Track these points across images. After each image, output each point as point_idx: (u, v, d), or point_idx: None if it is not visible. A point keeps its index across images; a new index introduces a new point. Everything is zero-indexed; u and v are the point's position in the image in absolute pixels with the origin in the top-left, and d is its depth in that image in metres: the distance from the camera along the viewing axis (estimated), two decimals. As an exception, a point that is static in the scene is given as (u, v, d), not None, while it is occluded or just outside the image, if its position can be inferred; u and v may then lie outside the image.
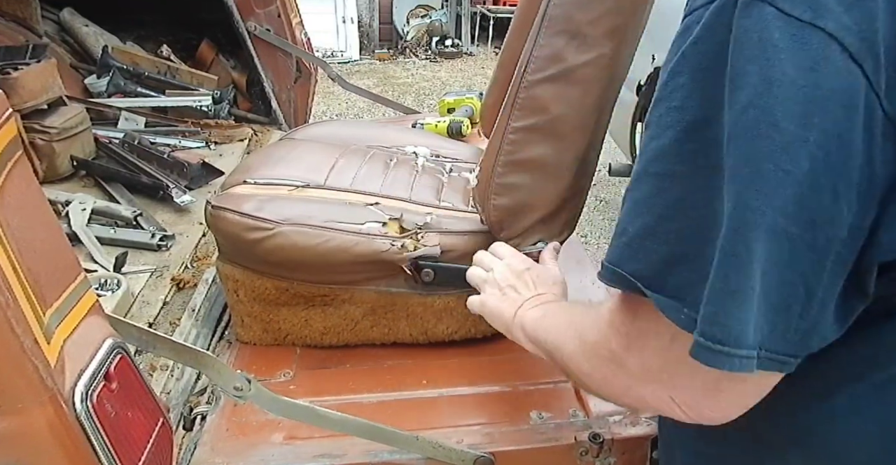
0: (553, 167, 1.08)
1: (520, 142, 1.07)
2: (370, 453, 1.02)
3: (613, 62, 1.01)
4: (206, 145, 2.32)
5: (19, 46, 2.09)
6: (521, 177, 1.09)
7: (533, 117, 1.05)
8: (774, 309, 0.46)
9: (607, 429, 1.06)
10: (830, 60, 0.42)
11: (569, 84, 1.02)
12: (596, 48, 0.99)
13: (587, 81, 1.02)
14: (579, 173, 1.10)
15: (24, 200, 0.67)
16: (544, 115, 1.04)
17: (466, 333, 1.26)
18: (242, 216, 1.18)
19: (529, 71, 1.03)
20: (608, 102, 1.07)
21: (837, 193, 0.43)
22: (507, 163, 1.09)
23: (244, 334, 1.30)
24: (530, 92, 1.04)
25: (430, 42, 7.50)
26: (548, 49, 1.01)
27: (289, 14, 2.43)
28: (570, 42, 1.00)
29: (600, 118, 1.07)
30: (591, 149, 1.09)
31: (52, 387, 0.64)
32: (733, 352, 0.46)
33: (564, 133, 1.06)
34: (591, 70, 1.01)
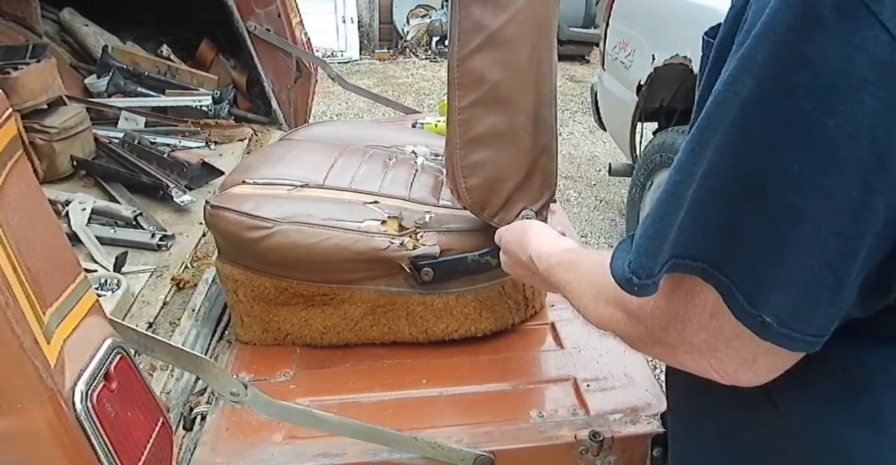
0: (509, 134, 1.09)
1: (469, 119, 1.08)
2: (370, 452, 1.02)
3: (532, 13, 1.03)
4: (206, 145, 2.32)
5: (19, 46, 2.09)
6: (482, 153, 1.10)
7: (474, 92, 1.06)
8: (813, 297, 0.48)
9: (607, 427, 1.06)
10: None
11: (496, 48, 1.04)
12: (510, 5, 1.02)
13: (513, 39, 1.04)
14: (537, 132, 1.11)
15: (24, 200, 0.67)
16: (483, 85, 1.06)
17: (466, 332, 1.26)
18: (241, 215, 1.18)
19: (458, 47, 1.05)
20: (543, 53, 1.08)
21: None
22: (464, 143, 1.10)
23: (244, 333, 1.30)
24: (464, 68, 1.06)
25: (430, 42, 7.50)
26: (467, 21, 1.04)
27: (289, 14, 2.43)
28: (484, 8, 1.02)
29: (539, 72, 1.08)
30: (540, 104, 1.10)
31: (51, 387, 0.64)
32: (805, 338, 0.49)
33: (508, 97, 1.07)
34: (513, 27, 1.03)
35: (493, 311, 1.26)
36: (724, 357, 0.54)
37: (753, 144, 0.46)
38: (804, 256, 0.46)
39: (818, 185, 0.44)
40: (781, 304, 0.48)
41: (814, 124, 0.43)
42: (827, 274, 0.47)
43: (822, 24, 0.41)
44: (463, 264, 1.18)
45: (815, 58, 0.42)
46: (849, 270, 0.47)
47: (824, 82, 0.42)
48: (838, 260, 0.46)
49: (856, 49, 0.41)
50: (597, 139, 4.51)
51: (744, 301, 0.49)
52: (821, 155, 0.43)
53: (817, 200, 0.44)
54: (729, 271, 0.49)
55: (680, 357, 0.58)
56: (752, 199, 0.47)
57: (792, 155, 0.44)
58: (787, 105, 0.44)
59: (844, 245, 0.46)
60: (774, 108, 0.44)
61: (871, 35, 0.40)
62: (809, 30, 0.42)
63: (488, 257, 1.17)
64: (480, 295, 1.23)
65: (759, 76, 0.44)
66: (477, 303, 1.24)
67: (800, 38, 0.42)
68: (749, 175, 0.47)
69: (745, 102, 0.45)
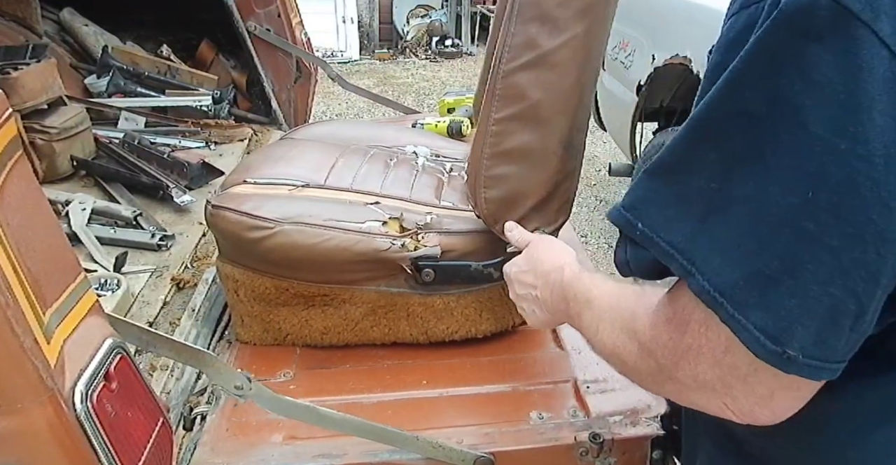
0: (539, 154, 1.09)
1: (503, 132, 1.08)
2: (370, 453, 1.02)
3: (587, 42, 1.03)
4: (206, 145, 2.32)
5: (19, 46, 2.09)
6: (509, 167, 1.09)
7: (513, 106, 1.06)
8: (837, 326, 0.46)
9: (607, 429, 1.06)
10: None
11: (545, 69, 1.03)
12: (568, 30, 1.01)
13: (563, 63, 1.03)
14: (566, 157, 1.10)
15: (24, 200, 0.67)
16: (524, 102, 1.05)
17: (466, 333, 1.26)
18: (242, 215, 1.18)
19: (504, 60, 1.04)
20: (587, 82, 1.08)
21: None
22: (493, 155, 1.10)
23: (244, 333, 1.30)
24: (507, 81, 1.05)
25: (430, 42, 7.50)
26: (520, 37, 1.03)
27: (289, 14, 2.43)
28: (541, 27, 1.01)
29: (581, 100, 1.08)
30: (575, 131, 1.09)
31: (51, 387, 0.64)
32: (828, 366, 0.47)
33: (546, 118, 1.06)
34: (566, 52, 1.02)
35: (493, 312, 1.26)
36: (740, 395, 0.52)
37: (764, 172, 0.45)
38: (826, 285, 0.45)
39: (835, 211, 0.43)
40: (805, 336, 0.46)
41: (825, 148, 0.42)
42: (850, 301, 0.45)
43: (821, 45, 0.41)
44: (465, 272, 1.18)
45: (819, 80, 0.41)
46: (872, 294, 0.45)
47: (831, 105, 0.41)
48: (861, 286, 0.45)
49: (859, 69, 0.40)
50: (597, 139, 4.51)
51: (765, 339, 0.46)
52: (835, 180, 0.42)
53: (835, 226, 0.43)
54: (746, 310, 0.47)
55: (692, 396, 0.56)
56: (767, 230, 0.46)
57: (805, 182, 0.43)
58: (796, 130, 0.43)
59: (867, 271, 0.44)
60: (783, 134, 0.43)
61: (873, 53, 0.40)
62: (810, 52, 0.41)
63: (491, 268, 1.17)
64: (481, 296, 1.23)
65: (764, 102, 0.44)
66: (477, 304, 1.24)
67: (801, 62, 0.42)
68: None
69: (750, 130, 0.45)
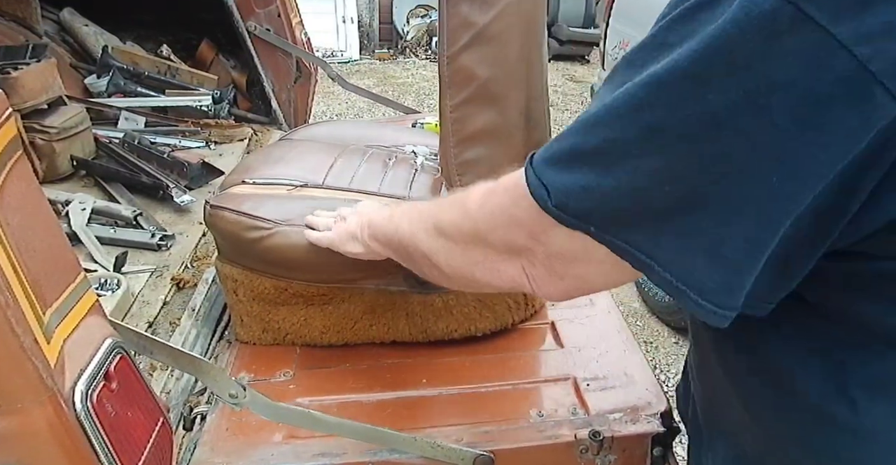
0: (502, 130, 1.09)
1: (462, 118, 1.09)
2: (369, 452, 1.02)
3: (520, 9, 1.03)
4: (206, 145, 2.32)
5: (19, 46, 2.09)
6: (476, 150, 1.10)
7: (465, 89, 1.07)
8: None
9: (607, 427, 1.06)
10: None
11: (485, 45, 1.04)
12: (498, 2, 1.01)
13: (501, 35, 1.04)
14: (529, 128, 1.11)
15: (24, 200, 0.67)
16: (474, 82, 1.06)
17: (466, 331, 1.26)
18: (241, 216, 1.18)
19: (446, 46, 1.05)
20: (532, 48, 1.08)
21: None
22: (458, 142, 1.10)
23: (243, 333, 1.30)
24: (454, 66, 1.06)
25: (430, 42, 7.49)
26: (455, 19, 1.04)
27: (289, 14, 2.43)
28: (471, 4, 1.02)
29: (530, 67, 1.08)
30: (532, 101, 1.10)
31: (51, 387, 0.64)
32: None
33: (500, 94, 1.07)
34: (501, 24, 1.03)
35: (492, 310, 1.26)
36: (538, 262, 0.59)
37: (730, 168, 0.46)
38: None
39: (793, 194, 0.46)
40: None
41: (791, 140, 0.44)
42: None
43: (782, 48, 0.42)
44: None
45: (782, 81, 0.43)
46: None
47: (795, 103, 0.43)
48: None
49: (819, 69, 0.42)
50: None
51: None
52: (794, 166, 0.45)
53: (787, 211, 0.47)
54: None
55: (498, 264, 0.62)
56: (732, 214, 0.47)
57: (771, 168, 0.45)
58: (765, 127, 0.44)
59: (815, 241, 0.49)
60: (752, 132, 0.45)
61: (832, 54, 0.41)
62: (772, 55, 0.43)
63: None
64: (480, 294, 1.23)
65: (729, 104, 0.45)
66: (476, 302, 1.24)
67: (764, 64, 0.43)
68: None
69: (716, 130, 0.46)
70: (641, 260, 0.51)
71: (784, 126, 0.43)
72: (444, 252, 0.71)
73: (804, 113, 0.43)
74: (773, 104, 0.43)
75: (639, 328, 2.79)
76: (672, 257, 0.50)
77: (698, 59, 0.44)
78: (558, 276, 0.59)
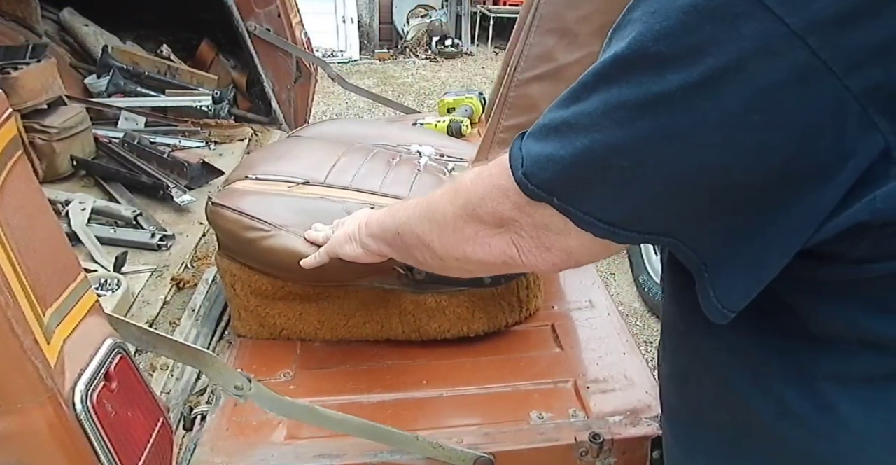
0: None
1: (510, 140, 1.08)
2: (370, 453, 1.02)
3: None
4: (206, 145, 2.32)
5: (19, 46, 2.09)
6: None
7: (523, 116, 1.06)
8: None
9: (607, 429, 1.06)
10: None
11: (558, 82, 1.03)
12: (586, 47, 1.00)
13: (577, 78, 1.03)
14: None
15: (24, 200, 0.67)
16: (534, 113, 1.05)
17: (458, 332, 1.26)
18: (240, 215, 1.19)
19: (520, 70, 1.04)
20: None
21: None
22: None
23: (241, 327, 1.32)
24: (520, 91, 1.05)
25: (430, 42, 7.50)
26: (538, 48, 1.02)
27: (289, 14, 2.43)
28: (559, 41, 1.01)
29: None
30: None
31: (51, 387, 0.64)
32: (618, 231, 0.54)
33: None
34: (581, 69, 1.02)
35: (486, 311, 1.26)
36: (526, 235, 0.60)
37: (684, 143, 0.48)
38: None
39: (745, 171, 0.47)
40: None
41: (740, 121, 0.45)
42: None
43: (739, 34, 0.44)
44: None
45: (736, 65, 0.44)
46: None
47: (747, 85, 0.44)
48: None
49: (772, 54, 0.43)
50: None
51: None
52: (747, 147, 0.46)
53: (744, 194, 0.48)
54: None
55: (488, 239, 0.64)
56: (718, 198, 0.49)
57: (720, 148, 0.47)
58: (717, 107, 0.46)
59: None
60: (705, 111, 0.46)
61: (784, 42, 0.43)
62: (728, 39, 0.44)
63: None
64: (473, 296, 1.24)
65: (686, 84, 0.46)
66: (470, 303, 1.24)
67: (721, 49, 0.44)
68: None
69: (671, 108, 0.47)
70: (603, 228, 0.53)
71: (735, 109, 0.45)
72: (436, 231, 0.72)
73: (756, 97, 0.44)
74: (725, 87, 0.44)
75: (639, 328, 2.79)
76: (636, 226, 0.53)
77: (659, 39, 0.46)
78: (545, 247, 0.60)
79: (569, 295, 1.46)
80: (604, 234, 0.53)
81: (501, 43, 7.30)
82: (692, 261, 0.53)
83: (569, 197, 0.53)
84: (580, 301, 1.43)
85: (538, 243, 0.60)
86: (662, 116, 0.47)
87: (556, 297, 1.45)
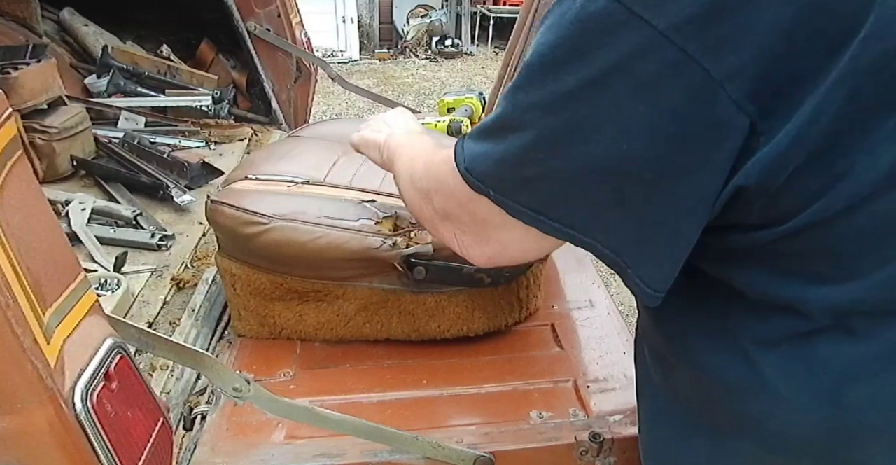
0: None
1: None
2: (370, 452, 1.02)
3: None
4: (206, 145, 2.32)
5: (19, 46, 2.09)
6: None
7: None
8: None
9: (607, 429, 1.06)
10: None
11: None
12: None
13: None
14: None
15: (24, 200, 0.67)
16: None
17: (458, 331, 1.26)
18: (238, 211, 1.19)
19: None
20: None
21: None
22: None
23: (241, 327, 1.32)
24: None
25: (430, 42, 7.51)
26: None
27: (289, 14, 2.43)
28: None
29: None
30: None
31: (51, 387, 0.64)
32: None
33: None
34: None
35: (485, 311, 1.26)
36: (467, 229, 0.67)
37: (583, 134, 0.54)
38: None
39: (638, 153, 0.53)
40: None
41: (629, 112, 0.52)
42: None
43: (616, 38, 0.50)
44: (457, 274, 1.18)
45: (617, 63, 0.51)
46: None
47: (630, 80, 0.51)
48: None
49: (644, 53, 0.50)
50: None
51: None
52: (635, 132, 0.52)
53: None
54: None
55: (437, 226, 0.73)
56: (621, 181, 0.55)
57: (615, 135, 0.53)
58: (608, 101, 0.52)
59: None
60: (599, 106, 0.53)
61: (655, 42, 0.49)
62: (608, 43, 0.51)
63: (483, 273, 1.18)
64: (473, 295, 1.24)
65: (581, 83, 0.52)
66: (469, 303, 1.24)
67: (604, 51, 0.51)
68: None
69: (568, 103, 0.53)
70: (531, 216, 0.59)
71: (623, 102, 0.51)
72: (406, 195, 0.83)
73: (640, 91, 0.51)
74: (613, 83, 0.51)
75: (638, 329, 2.79)
76: (558, 213, 0.59)
77: (555, 47, 0.53)
78: (483, 241, 0.67)
79: (569, 295, 1.46)
80: (532, 221, 0.59)
81: (501, 43, 7.30)
82: (614, 261, 0.59)
83: (501, 188, 0.60)
84: (580, 301, 1.43)
85: (478, 239, 0.67)
86: (564, 112, 0.53)
87: (556, 297, 1.45)
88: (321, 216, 1.18)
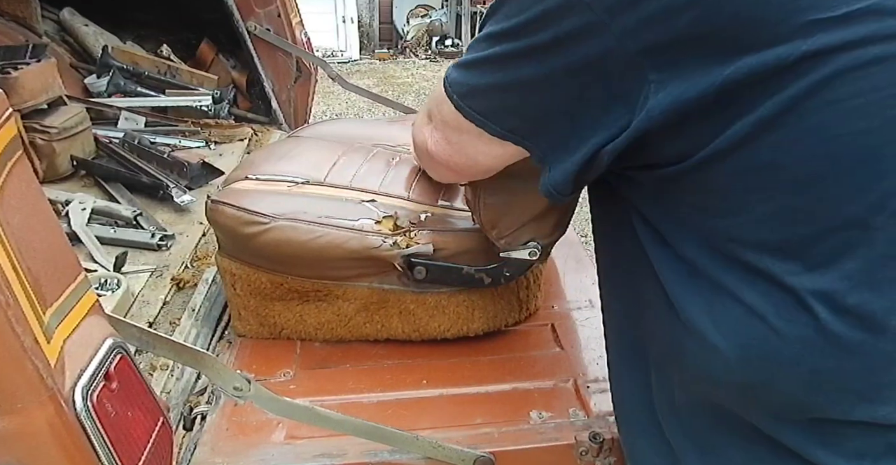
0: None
1: None
2: (370, 452, 1.02)
3: None
4: (206, 145, 2.32)
5: (19, 46, 2.09)
6: (513, 181, 1.09)
7: None
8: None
9: (607, 429, 1.06)
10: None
11: None
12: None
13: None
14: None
15: (24, 200, 0.67)
16: None
17: (458, 331, 1.26)
18: (238, 210, 1.19)
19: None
20: None
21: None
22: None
23: (240, 326, 1.32)
24: None
25: (430, 42, 7.51)
26: None
27: (289, 14, 2.43)
28: None
29: None
30: None
31: (52, 387, 0.64)
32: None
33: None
34: None
35: (485, 311, 1.26)
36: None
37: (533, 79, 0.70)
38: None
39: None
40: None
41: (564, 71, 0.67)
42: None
43: (567, 19, 0.63)
44: (457, 274, 1.18)
45: (563, 39, 0.65)
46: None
47: (571, 52, 0.65)
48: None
49: (588, 33, 0.62)
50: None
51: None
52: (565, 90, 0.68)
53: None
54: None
55: (422, 129, 0.90)
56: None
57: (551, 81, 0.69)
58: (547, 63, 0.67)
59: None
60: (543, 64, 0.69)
61: (595, 24, 0.61)
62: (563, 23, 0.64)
63: (483, 273, 1.18)
64: (473, 295, 1.24)
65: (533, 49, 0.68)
66: (470, 303, 1.24)
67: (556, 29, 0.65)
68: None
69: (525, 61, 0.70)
70: (480, 120, 0.76)
71: (558, 68, 0.66)
72: (417, 116, 0.99)
73: (575, 62, 0.65)
74: (552, 51, 0.66)
75: (638, 329, 2.79)
76: (500, 119, 0.76)
77: (518, 19, 0.68)
78: (447, 141, 0.84)
79: (569, 295, 1.46)
80: (480, 123, 0.76)
81: (501, 43, 7.28)
82: (540, 159, 0.74)
83: (463, 97, 0.77)
84: (580, 301, 1.44)
85: (444, 138, 0.85)
86: (516, 65, 0.70)
87: (556, 296, 1.45)
88: (321, 216, 1.18)
